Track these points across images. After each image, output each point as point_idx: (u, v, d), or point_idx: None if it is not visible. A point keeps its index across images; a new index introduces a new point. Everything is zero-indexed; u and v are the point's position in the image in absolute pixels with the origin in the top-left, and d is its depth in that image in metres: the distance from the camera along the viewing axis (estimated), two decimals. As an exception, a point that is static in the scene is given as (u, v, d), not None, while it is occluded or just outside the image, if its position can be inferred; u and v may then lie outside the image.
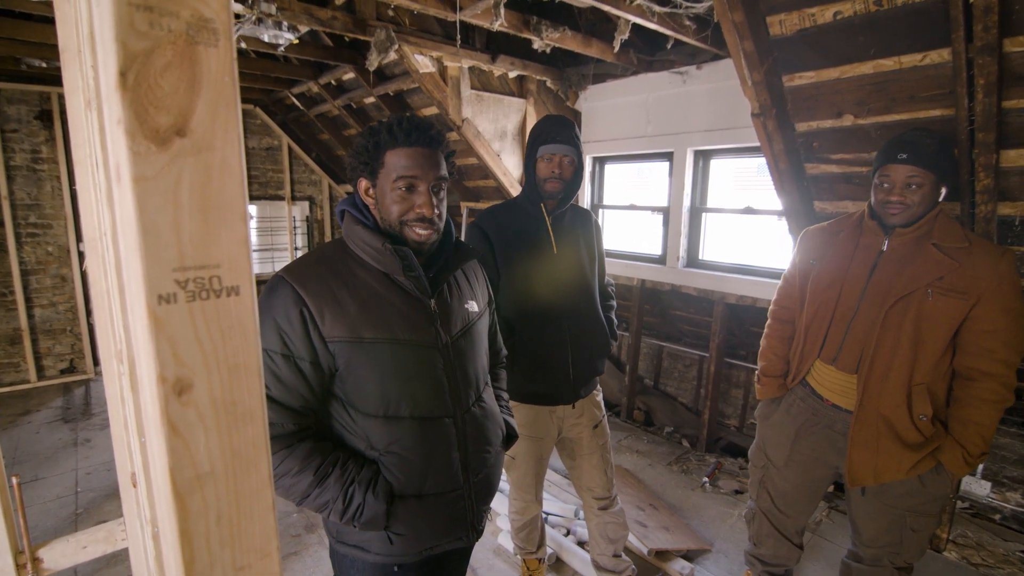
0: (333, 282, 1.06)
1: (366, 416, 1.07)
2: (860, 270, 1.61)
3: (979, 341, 1.46)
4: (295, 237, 5.95)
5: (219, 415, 0.50)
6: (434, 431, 1.11)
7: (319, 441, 1.06)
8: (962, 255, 1.47)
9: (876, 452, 1.56)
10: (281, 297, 1.02)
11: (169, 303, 0.47)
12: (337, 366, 1.05)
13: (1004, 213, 1.96)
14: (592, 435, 1.89)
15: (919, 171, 1.47)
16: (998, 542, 2.66)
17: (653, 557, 2.39)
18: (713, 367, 3.55)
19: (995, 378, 1.45)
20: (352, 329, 1.04)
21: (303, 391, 1.03)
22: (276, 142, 5.76)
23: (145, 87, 0.44)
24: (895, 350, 1.51)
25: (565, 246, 1.77)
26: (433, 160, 1.07)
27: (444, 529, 1.15)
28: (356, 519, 1.04)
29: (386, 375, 1.06)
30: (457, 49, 3.05)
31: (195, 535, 0.51)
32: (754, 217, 3.24)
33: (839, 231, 1.72)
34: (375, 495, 1.04)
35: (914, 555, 1.65)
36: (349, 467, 1.05)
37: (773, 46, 1.96)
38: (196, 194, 0.47)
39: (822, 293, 1.68)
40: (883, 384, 1.54)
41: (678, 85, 3.29)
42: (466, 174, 4.41)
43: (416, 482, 1.09)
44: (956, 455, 1.50)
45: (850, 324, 1.60)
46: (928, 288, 1.47)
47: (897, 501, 1.60)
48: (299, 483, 1.02)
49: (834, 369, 1.66)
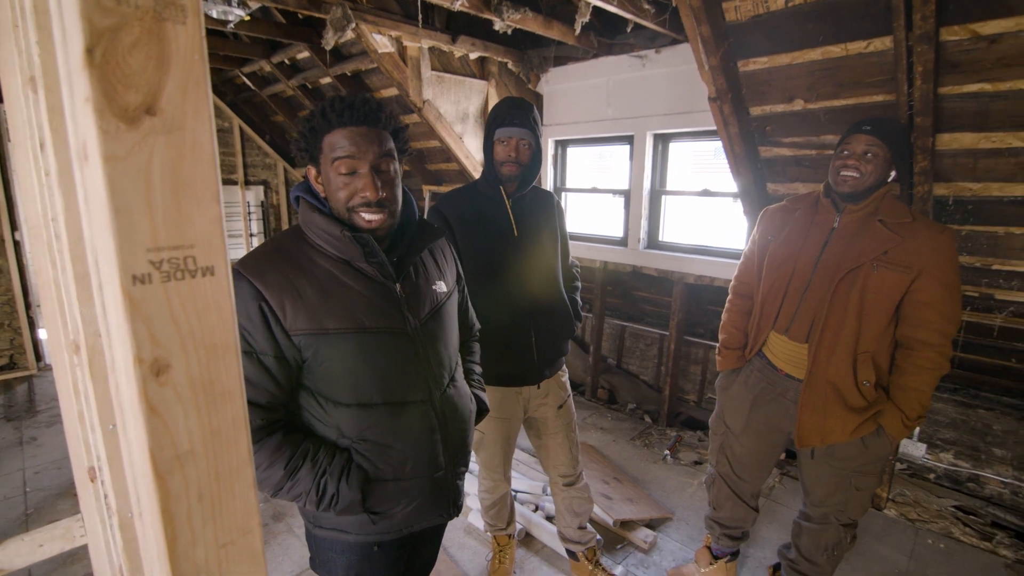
0: (292, 273, 1.02)
1: (337, 405, 1.06)
2: (813, 246, 1.70)
3: (918, 312, 1.57)
4: (250, 223, 5.76)
5: (198, 395, 0.51)
6: (411, 415, 1.11)
7: (289, 433, 1.04)
8: (905, 231, 1.57)
9: (824, 415, 1.67)
10: (238, 292, 0.97)
11: (144, 283, 0.46)
12: (304, 358, 1.03)
13: (939, 193, 2.09)
14: (557, 415, 1.93)
15: (878, 142, 1.56)
16: (932, 499, 2.88)
17: (618, 527, 2.49)
18: (673, 345, 3.67)
19: (933, 347, 1.56)
20: (315, 321, 1.01)
21: (268, 386, 1.01)
22: (227, 124, 5.53)
23: (113, 64, 0.43)
24: (843, 321, 1.61)
25: (526, 229, 1.78)
26: (371, 138, 1.01)
27: (426, 508, 1.17)
28: (332, 507, 1.04)
29: (355, 364, 1.05)
30: (417, 29, 3.00)
31: (177, 514, 0.51)
32: (711, 199, 3.34)
33: (796, 209, 1.80)
34: (348, 484, 1.04)
35: (858, 512, 1.78)
36: (320, 458, 1.04)
37: (729, 31, 2.02)
38: (168, 174, 0.46)
39: (777, 268, 1.77)
40: (831, 353, 1.64)
41: (638, 69, 3.33)
42: (428, 157, 4.36)
43: (394, 467, 1.09)
44: (896, 419, 1.62)
45: (802, 297, 1.69)
46: (874, 262, 1.57)
47: (843, 463, 1.72)
48: (271, 477, 1.01)
49: (787, 340, 1.75)
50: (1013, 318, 2.37)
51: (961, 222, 2.14)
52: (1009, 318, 2.39)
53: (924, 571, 2.34)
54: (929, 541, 2.54)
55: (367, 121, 1.01)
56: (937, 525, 2.67)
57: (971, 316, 2.50)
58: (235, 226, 5.71)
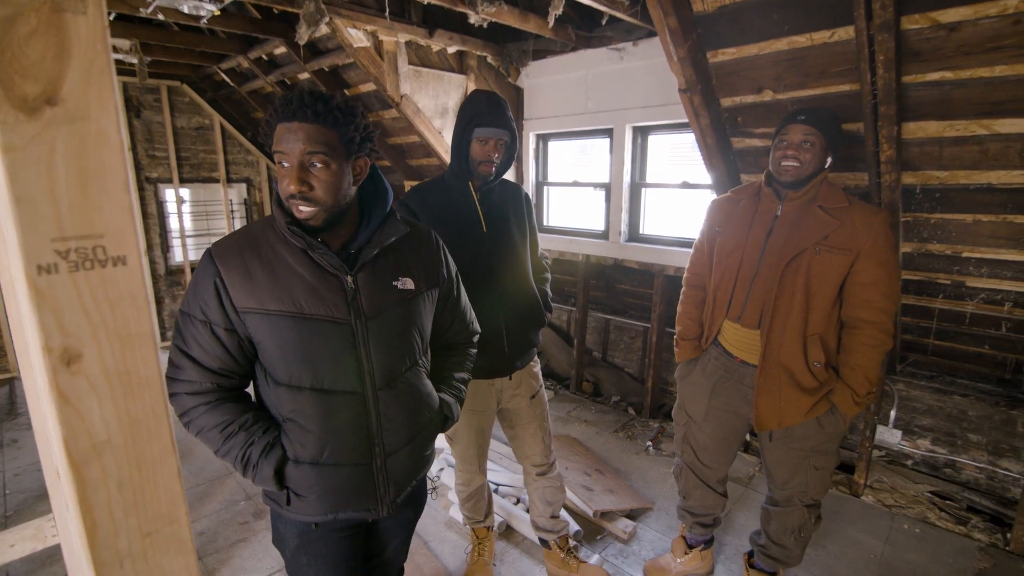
0: (248, 255, 1.10)
1: (276, 384, 1.14)
2: (758, 234, 1.74)
3: (860, 292, 1.63)
4: (233, 221, 5.72)
5: (113, 384, 0.51)
6: (337, 404, 1.14)
7: (236, 402, 1.14)
8: (843, 215, 1.63)
9: (779, 398, 1.72)
10: (204, 268, 1.10)
11: (50, 273, 0.47)
12: (250, 334, 1.11)
13: (907, 182, 2.11)
14: (530, 405, 1.95)
15: (814, 131, 1.63)
16: (909, 485, 2.92)
17: (599, 518, 2.51)
18: (655, 337, 3.69)
19: (875, 325, 1.63)
20: (259, 301, 1.09)
21: (219, 354, 1.11)
22: (207, 121, 5.48)
23: (9, 55, 0.44)
24: (791, 305, 1.67)
25: (494, 222, 1.78)
26: (301, 133, 1.03)
27: (346, 498, 1.19)
28: (254, 477, 1.12)
29: (288, 347, 1.11)
30: (392, 23, 2.99)
31: (95, 503, 0.51)
32: (690, 191, 3.36)
33: (740, 199, 1.85)
34: (266, 459, 1.12)
35: (819, 492, 1.84)
36: (254, 430, 1.12)
37: (697, 22, 2.02)
38: (72, 164, 0.47)
39: (726, 258, 1.82)
40: (782, 336, 1.69)
41: (616, 61, 3.33)
42: (407, 152, 4.34)
43: (312, 450, 1.14)
44: (846, 396, 1.68)
45: (752, 285, 1.74)
46: (816, 246, 1.63)
47: (800, 443, 1.77)
48: (213, 439, 1.12)
49: (740, 327, 1.80)
50: (985, 305, 2.41)
51: (930, 211, 2.17)
52: (981, 305, 2.43)
53: (899, 555, 2.38)
54: (905, 526, 2.58)
55: (298, 116, 1.03)
56: (913, 511, 2.71)
57: (944, 304, 2.54)
58: (218, 224, 5.66)
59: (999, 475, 2.84)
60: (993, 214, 2.04)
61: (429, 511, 2.65)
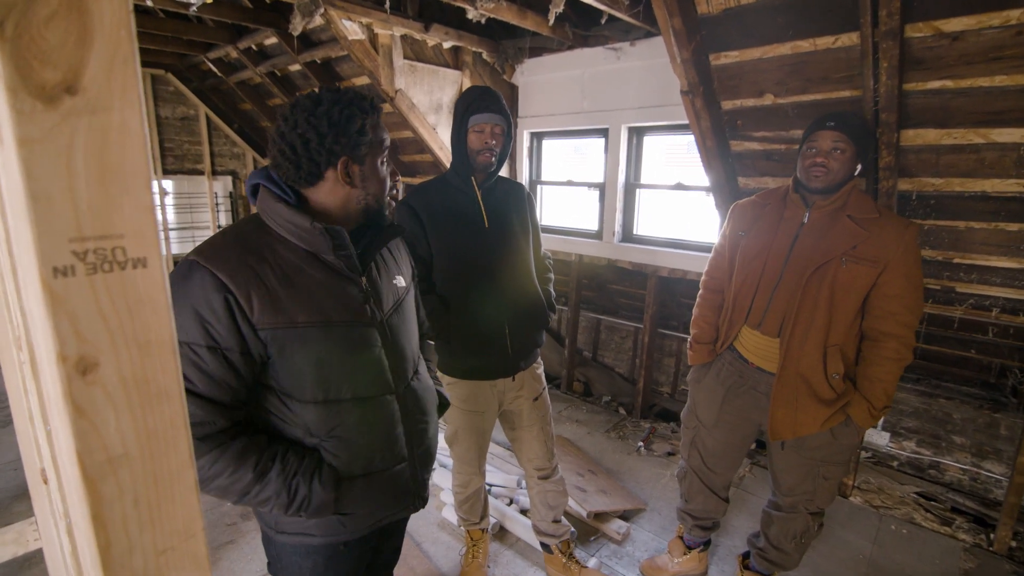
0: (256, 265, 0.97)
1: (303, 403, 1.02)
2: (783, 241, 1.71)
3: (884, 305, 1.60)
4: (217, 214, 5.61)
5: (130, 395, 0.48)
6: (377, 410, 1.11)
7: (253, 436, 1.00)
8: (872, 226, 1.60)
9: (795, 408, 1.69)
10: (199, 284, 0.92)
11: (67, 276, 0.43)
12: (269, 354, 0.98)
13: (903, 188, 2.13)
14: (532, 407, 1.93)
15: (844, 138, 1.59)
16: (896, 486, 2.96)
17: (592, 519, 2.50)
18: (647, 338, 3.70)
19: (897, 339, 1.61)
20: (284, 314, 0.97)
21: (233, 383, 0.96)
22: (192, 111, 5.36)
23: (27, 38, 0.40)
24: (813, 315, 1.64)
25: (497, 220, 1.76)
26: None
27: (391, 502, 1.16)
28: (303, 510, 1.01)
29: (324, 359, 1.02)
30: (388, 15, 2.94)
31: (110, 520, 0.48)
32: (684, 193, 3.36)
33: (765, 204, 1.81)
34: (322, 484, 1.01)
35: (826, 501, 1.82)
36: (289, 459, 1.00)
37: (701, 24, 2.02)
38: (93, 158, 0.43)
39: (749, 263, 1.78)
40: (802, 347, 1.66)
41: (613, 61, 3.32)
42: (400, 148, 4.29)
43: (362, 462, 1.08)
44: (863, 409, 1.66)
45: (774, 292, 1.71)
46: (843, 257, 1.60)
47: (812, 453, 1.75)
48: (237, 482, 0.96)
49: (759, 334, 1.77)
50: (973, 310, 2.44)
51: (924, 217, 2.19)
52: (969, 310, 2.46)
53: (887, 556, 2.41)
54: (892, 527, 2.62)
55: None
56: (900, 511, 2.75)
57: (933, 308, 2.58)
58: (202, 217, 5.55)
59: (982, 476, 2.90)
60: (986, 221, 2.07)
61: (422, 512, 2.62)
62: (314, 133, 0.98)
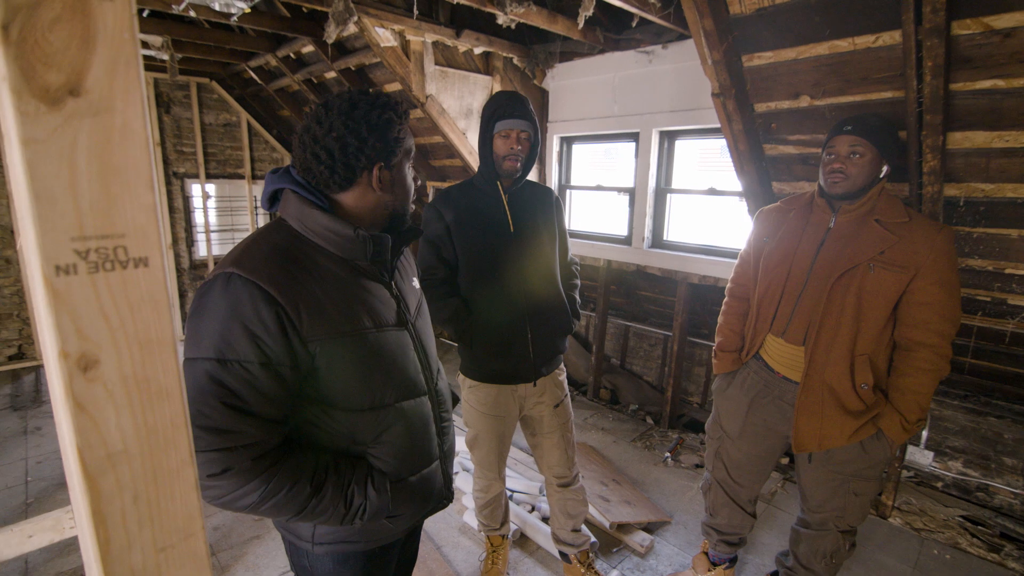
0: (300, 275, 0.94)
1: (350, 412, 1.01)
2: (809, 247, 1.66)
3: (916, 313, 1.53)
4: (256, 217, 5.78)
5: (131, 392, 0.48)
6: (416, 412, 1.12)
7: (301, 450, 0.97)
8: (902, 230, 1.53)
9: (821, 419, 1.62)
10: (248, 298, 0.88)
11: (69, 274, 0.44)
12: (316, 366, 0.96)
13: (949, 194, 2.02)
14: (553, 414, 1.90)
15: (861, 141, 1.54)
16: (939, 508, 2.81)
17: (615, 530, 2.45)
18: (676, 346, 3.62)
19: (931, 348, 1.52)
20: (332, 324, 0.96)
21: (284, 399, 0.93)
22: (234, 118, 5.55)
23: (32, 42, 0.41)
24: (839, 322, 1.58)
25: (523, 225, 1.75)
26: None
27: (431, 498, 1.18)
28: (359, 518, 1.00)
29: (370, 366, 1.01)
30: (419, 22, 2.97)
31: (109, 515, 0.49)
32: (717, 198, 3.28)
33: (791, 210, 1.76)
34: (377, 490, 1.01)
35: (857, 518, 1.73)
36: (342, 469, 0.99)
37: (733, 25, 1.97)
38: (95, 159, 0.44)
39: (773, 269, 1.73)
40: (828, 355, 1.60)
41: (644, 65, 3.28)
42: (431, 153, 4.33)
43: (408, 465, 1.09)
44: (895, 422, 1.58)
45: (798, 299, 1.66)
46: (870, 262, 1.53)
47: (841, 467, 1.67)
48: (295, 498, 0.93)
49: (783, 342, 1.71)
50: (1026, 324, 2.30)
51: (973, 224, 2.08)
52: (1021, 324, 2.32)
53: (928, 581, 2.29)
54: (935, 551, 2.48)
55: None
56: (943, 535, 2.61)
57: (983, 321, 2.44)
58: (242, 220, 5.73)
59: (1036, 501, 2.72)
60: (1041, 230, 1.94)
61: (443, 515, 2.62)
62: (353, 137, 0.96)
